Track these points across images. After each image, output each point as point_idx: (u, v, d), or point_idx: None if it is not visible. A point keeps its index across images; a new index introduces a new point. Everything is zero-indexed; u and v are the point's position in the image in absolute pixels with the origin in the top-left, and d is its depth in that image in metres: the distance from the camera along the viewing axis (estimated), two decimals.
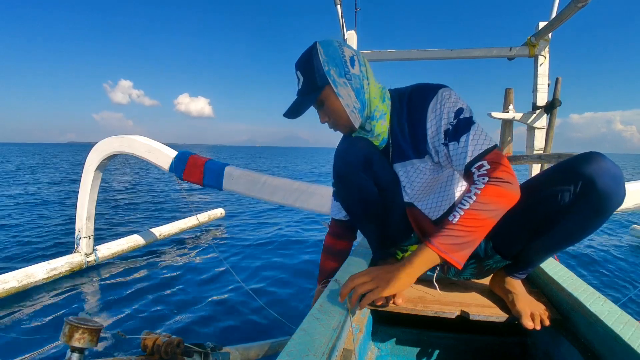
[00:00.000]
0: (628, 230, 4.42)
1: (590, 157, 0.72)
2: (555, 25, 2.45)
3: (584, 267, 3.13)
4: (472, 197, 0.74)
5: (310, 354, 0.59)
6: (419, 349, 1.04)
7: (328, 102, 0.90)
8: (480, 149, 0.80)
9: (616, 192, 0.70)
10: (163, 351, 0.50)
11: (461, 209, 0.74)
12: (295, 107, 0.91)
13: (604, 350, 0.73)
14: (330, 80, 0.87)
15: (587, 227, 0.77)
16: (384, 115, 0.92)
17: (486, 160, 0.78)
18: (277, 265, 3.02)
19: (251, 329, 1.89)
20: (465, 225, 0.73)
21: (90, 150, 2.62)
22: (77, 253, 2.69)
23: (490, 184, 0.75)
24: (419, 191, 0.96)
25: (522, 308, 0.87)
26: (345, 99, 0.89)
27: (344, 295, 0.77)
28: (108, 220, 4.82)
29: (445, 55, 2.85)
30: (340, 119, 0.92)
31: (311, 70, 0.88)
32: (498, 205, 0.74)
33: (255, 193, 2.16)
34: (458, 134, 0.82)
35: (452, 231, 0.73)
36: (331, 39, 0.91)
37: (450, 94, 0.86)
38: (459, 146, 0.82)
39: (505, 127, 3.29)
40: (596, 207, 0.72)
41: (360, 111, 0.91)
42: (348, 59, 0.89)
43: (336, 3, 2.48)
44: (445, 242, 0.73)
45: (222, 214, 4.66)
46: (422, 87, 0.92)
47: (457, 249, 0.73)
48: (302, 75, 0.89)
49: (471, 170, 0.79)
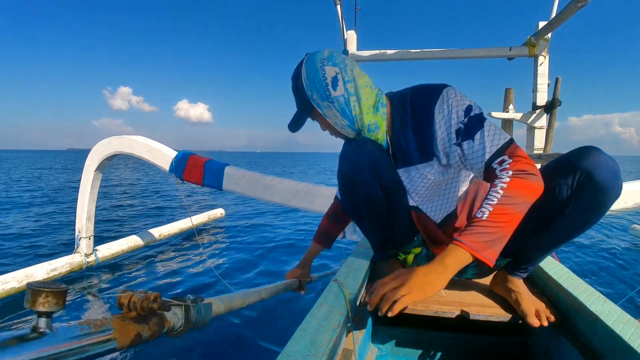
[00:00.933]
0: (628, 230, 4.42)
1: (587, 151, 0.74)
2: (555, 25, 2.45)
3: (584, 267, 3.13)
4: (499, 191, 0.72)
5: (310, 354, 0.59)
6: (419, 349, 1.04)
7: (319, 119, 0.96)
8: (497, 143, 0.78)
9: (613, 184, 0.71)
10: (139, 307, 0.50)
11: (489, 205, 0.72)
12: (294, 121, 0.97)
13: (604, 350, 0.74)
14: (314, 104, 0.91)
15: (585, 221, 0.77)
16: (377, 127, 0.91)
17: (507, 154, 0.76)
18: (277, 266, 3.01)
19: (247, 329, 1.89)
20: (495, 221, 0.70)
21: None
22: (77, 253, 2.69)
23: (516, 177, 0.73)
24: (424, 195, 0.95)
25: (527, 307, 0.87)
26: (332, 119, 0.92)
27: (374, 303, 0.73)
28: (108, 221, 4.82)
29: (445, 55, 2.85)
30: (335, 132, 0.96)
31: (298, 93, 0.92)
32: (525, 197, 0.72)
33: (255, 193, 2.16)
34: (472, 132, 0.80)
35: (483, 228, 0.70)
36: (316, 56, 0.89)
37: (455, 92, 0.84)
38: (474, 144, 0.79)
39: (505, 127, 3.29)
40: (594, 200, 0.73)
41: (350, 127, 0.92)
42: (330, 81, 0.87)
43: (336, 3, 2.48)
44: (477, 240, 0.70)
45: (222, 214, 4.65)
46: (425, 87, 0.90)
47: (489, 246, 0.70)
48: (293, 94, 0.94)
49: (492, 166, 0.77)
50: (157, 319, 0.54)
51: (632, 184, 1.74)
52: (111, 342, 0.47)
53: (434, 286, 0.72)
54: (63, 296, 0.40)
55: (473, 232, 0.71)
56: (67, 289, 0.40)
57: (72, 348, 0.42)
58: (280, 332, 1.84)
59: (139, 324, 0.51)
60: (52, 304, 0.39)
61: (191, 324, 0.61)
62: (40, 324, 0.40)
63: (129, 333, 0.49)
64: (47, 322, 0.41)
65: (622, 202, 1.71)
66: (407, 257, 1.06)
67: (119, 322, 0.49)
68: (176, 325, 0.59)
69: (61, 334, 0.42)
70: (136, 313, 0.51)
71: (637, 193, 1.72)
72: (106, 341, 0.46)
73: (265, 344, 1.73)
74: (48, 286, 0.39)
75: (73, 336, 0.43)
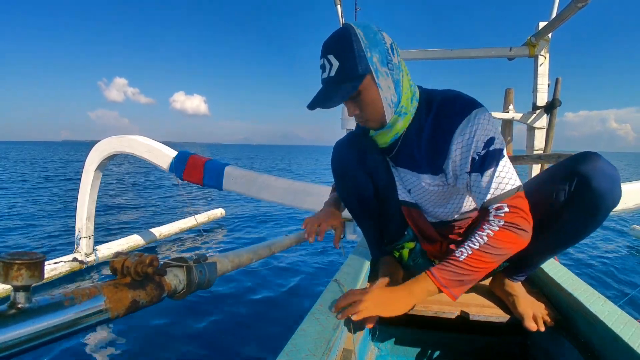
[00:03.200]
0: (628, 231, 4.41)
1: (586, 157, 0.73)
2: (555, 25, 2.45)
3: (584, 267, 3.13)
4: (484, 237, 0.73)
5: (310, 354, 0.59)
6: (419, 349, 1.04)
7: (365, 93, 0.79)
8: (503, 188, 0.74)
9: (610, 191, 0.70)
10: (133, 272, 0.46)
11: (470, 248, 0.74)
12: (329, 95, 0.78)
13: (604, 350, 0.73)
14: (372, 69, 0.77)
15: (582, 227, 0.76)
16: (405, 114, 0.84)
17: (506, 203, 0.74)
18: (276, 268, 3.01)
19: (247, 329, 1.89)
20: (470, 265, 0.73)
21: (89, 149, 2.62)
22: (77, 253, 2.69)
23: (505, 229, 0.73)
24: (426, 201, 0.95)
25: (524, 310, 0.87)
26: (384, 91, 0.80)
27: (339, 308, 0.76)
28: (108, 221, 4.82)
29: (445, 55, 2.85)
30: (375, 112, 0.82)
31: (351, 55, 0.76)
32: (507, 250, 0.74)
33: (255, 193, 2.16)
34: (484, 167, 0.76)
35: (457, 268, 0.74)
36: (368, 22, 0.80)
37: (484, 117, 0.77)
38: (482, 180, 0.76)
39: (505, 127, 3.29)
40: (590, 206, 0.72)
41: (396, 105, 0.82)
42: (389, 46, 0.79)
43: (336, 3, 2.48)
44: (447, 277, 0.75)
45: (222, 214, 4.65)
46: (455, 99, 0.82)
47: (457, 285, 0.75)
48: (336, 60, 0.77)
49: (489, 209, 0.75)
50: (154, 283, 0.49)
51: (632, 184, 1.74)
52: (103, 312, 0.43)
53: (397, 306, 0.77)
54: (39, 267, 0.36)
55: (446, 269, 0.75)
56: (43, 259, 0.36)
57: (58, 322, 0.38)
58: (280, 332, 1.84)
59: (135, 289, 0.47)
60: (27, 276, 0.35)
61: (194, 286, 0.57)
62: (18, 299, 0.36)
63: (123, 300, 0.45)
64: (26, 296, 0.36)
65: (622, 203, 1.71)
66: (402, 252, 1.07)
67: (112, 290, 0.45)
68: (178, 287, 0.54)
69: (44, 308, 0.38)
70: (131, 278, 0.47)
71: (637, 193, 1.72)
72: (97, 312, 0.42)
73: (265, 344, 1.73)
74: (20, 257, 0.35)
75: (58, 309, 0.39)
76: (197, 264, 0.59)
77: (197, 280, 0.58)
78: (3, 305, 0.36)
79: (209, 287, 0.62)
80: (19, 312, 0.36)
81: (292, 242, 1.04)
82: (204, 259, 0.61)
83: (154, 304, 0.50)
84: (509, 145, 3.34)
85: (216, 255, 0.66)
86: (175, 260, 0.57)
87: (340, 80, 0.77)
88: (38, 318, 0.37)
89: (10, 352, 0.35)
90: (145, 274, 0.47)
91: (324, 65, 0.79)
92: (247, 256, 0.76)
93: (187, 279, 0.56)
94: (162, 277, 0.52)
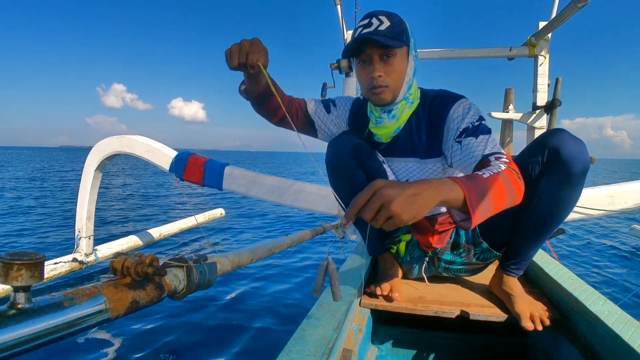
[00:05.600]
0: (628, 230, 4.42)
1: (555, 131, 0.82)
2: (555, 25, 2.45)
3: (583, 267, 3.13)
4: (500, 167, 0.70)
5: (310, 354, 0.59)
6: (419, 349, 1.04)
7: (398, 59, 0.89)
8: (498, 150, 0.81)
9: (579, 155, 0.77)
10: (133, 272, 0.45)
11: (490, 172, 0.68)
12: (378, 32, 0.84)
13: (604, 350, 0.74)
14: (411, 45, 0.91)
15: (558, 193, 0.81)
16: (412, 103, 0.96)
17: (505, 158, 0.77)
18: (276, 268, 3.01)
19: (244, 331, 1.89)
20: (492, 184, 0.66)
21: (88, 152, 2.62)
22: (77, 253, 2.69)
23: (510, 170, 0.72)
24: None
25: (521, 309, 0.87)
26: (410, 68, 0.92)
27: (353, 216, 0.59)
28: (108, 220, 4.82)
29: (445, 55, 2.85)
30: (397, 82, 0.91)
31: (401, 26, 0.88)
32: (515, 189, 0.70)
33: (255, 193, 2.16)
34: (477, 133, 0.83)
35: (480, 182, 0.65)
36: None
37: (473, 105, 0.90)
38: (477, 141, 0.82)
39: (505, 127, 3.29)
40: (563, 172, 0.78)
41: (410, 87, 0.95)
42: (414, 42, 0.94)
43: (336, 3, 2.48)
44: (471, 185, 0.63)
45: (221, 214, 4.65)
46: (446, 92, 0.96)
47: (478, 200, 0.62)
48: (389, 21, 0.86)
49: (489, 157, 0.77)
50: (154, 283, 0.49)
51: (632, 184, 1.74)
52: (103, 312, 0.43)
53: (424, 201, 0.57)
54: (39, 267, 0.36)
55: (470, 180, 0.64)
56: (43, 259, 0.36)
57: (58, 323, 0.38)
58: (280, 332, 1.84)
59: (135, 290, 0.47)
60: (27, 277, 0.35)
61: (194, 286, 0.57)
62: (18, 300, 0.36)
63: (124, 300, 0.45)
64: (26, 297, 0.37)
65: (622, 202, 1.71)
66: (399, 246, 1.08)
67: (112, 290, 0.45)
68: (178, 287, 0.54)
69: (44, 308, 0.38)
70: (131, 278, 0.47)
71: (637, 193, 1.72)
72: (97, 312, 0.42)
73: (265, 344, 1.73)
74: (20, 257, 0.35)
75: (58, 309, 0.39)
76: (197, 264, 0.59)
77: (197, 280, 0.58)
78: (3, 306, 0.36)
79: (209, 287, 0.61)
80: (19, 312, 0.36)
81: (292, 242, 1.04)
82: (204, 259, 0.61)
83: (154, 304, 0.50)
84: (509, 146, 3.34)
85: (216, 255, 0.66)
86: (175, 261, 0.56)
87: (387, 34, 0.85)
88: (38, 318, 0.37)
89: (10, 353, 0.35)
90: (145, 274, 0.47)
91: (370, 23, 0.86)
92: (247, 256, 0.76)
93: (187, 279, 0.56)
94: (162, 278, 0.51)
